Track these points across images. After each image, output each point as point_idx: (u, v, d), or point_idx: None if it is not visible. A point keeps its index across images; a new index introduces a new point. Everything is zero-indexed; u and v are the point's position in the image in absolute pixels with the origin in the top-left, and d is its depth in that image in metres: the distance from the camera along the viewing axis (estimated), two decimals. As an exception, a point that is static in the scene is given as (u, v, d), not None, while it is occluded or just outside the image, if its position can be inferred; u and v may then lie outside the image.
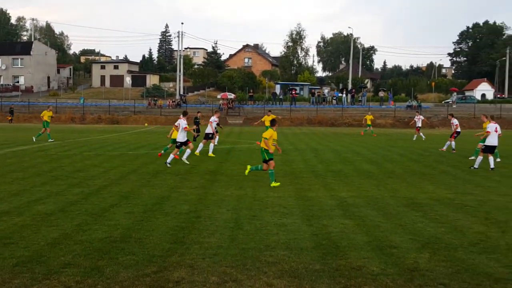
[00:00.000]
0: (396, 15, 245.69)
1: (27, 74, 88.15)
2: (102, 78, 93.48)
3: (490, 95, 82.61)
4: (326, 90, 75.56)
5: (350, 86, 74.75)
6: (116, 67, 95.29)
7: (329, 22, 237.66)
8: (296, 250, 7.21)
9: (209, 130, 22.53)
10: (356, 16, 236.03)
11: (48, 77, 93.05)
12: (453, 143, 24.41)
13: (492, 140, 16.84)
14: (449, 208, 10.41)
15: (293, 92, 67.15)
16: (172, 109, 64.62)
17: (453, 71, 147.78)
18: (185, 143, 17.84)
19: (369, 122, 39.18)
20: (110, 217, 9.28)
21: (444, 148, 24.81)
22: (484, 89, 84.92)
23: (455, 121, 24.87)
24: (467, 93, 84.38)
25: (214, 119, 23.06)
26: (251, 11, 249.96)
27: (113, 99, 73.92)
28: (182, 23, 78.40)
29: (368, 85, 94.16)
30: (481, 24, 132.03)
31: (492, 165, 16.68)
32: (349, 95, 68.20)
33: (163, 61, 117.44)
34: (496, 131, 16.94)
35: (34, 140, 27.89)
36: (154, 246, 7.40)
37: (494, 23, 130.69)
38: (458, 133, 24.82)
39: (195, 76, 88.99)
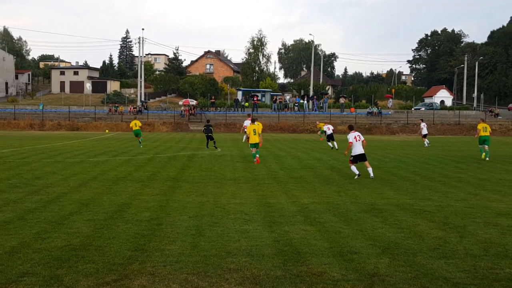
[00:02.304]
0: (356, 22, 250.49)
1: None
2: (62, 84, 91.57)
3: (449, 102, 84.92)
4: (287, 97, 76.10)
5: (311, 93, 75.47)
6: (76, 73, 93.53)
7: (290, 29, 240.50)
8: (258, 257, 7.21)
9: None
10: (316, 23, 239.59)
11: (6, 83, 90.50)
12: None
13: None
14: (408, 213, 10.61)
15: (255, 99, 67.36)
16: (133, 115, 63.81)
17: (412, 78, 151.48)
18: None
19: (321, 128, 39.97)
20: (69, 225, 9.07)
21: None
22: (443, 96, 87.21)
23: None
24: (426, 100, 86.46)
25: None
26: (213, 18, 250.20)
27: (73, 105, 72.50)
28: (143, 29, 78.01)
29: (330, 91, 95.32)
30: (440, 32, 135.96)
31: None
32: (310, 102, 68.87)
33: (124, 67, 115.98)
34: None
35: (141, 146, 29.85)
36: (114, 254, 7.27)
37: (453, 31, 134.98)
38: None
39: (156, 82, 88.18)
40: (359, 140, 16.47)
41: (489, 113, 66.18)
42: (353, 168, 16.48)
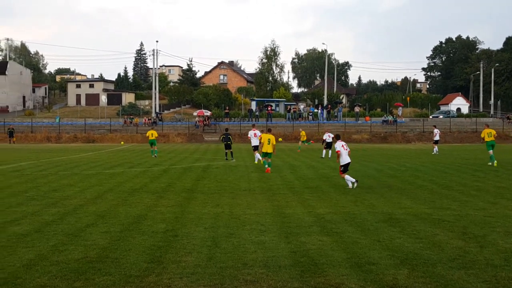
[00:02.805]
0: (369, 30, 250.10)
1: (2, 94, 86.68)
2: (78, 97, 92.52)
3: (465, 110, 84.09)
4: (301, 106, 76.03)
5: (325, 102, 75.32)
6: (91, 86, 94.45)
7: (303, 38, 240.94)
8: (274, 268, 7.15)
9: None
10: (329, 32, 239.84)
11: (24, 97, 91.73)
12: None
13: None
14: (426, 223, 10.47)
15: (269, 109, 67.40)
16: (148, 127, 64.17)
17: (427, 86, 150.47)
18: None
19: (304, 138, 41.10)
20: (86, 237, 9.10)
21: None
22: (459, 104, 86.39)
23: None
24: (442, 108, 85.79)
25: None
26: (226, 28, 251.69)
27: (89, 117, 73.16)
28: (157, 41, 78.32)
29: (344, 100, 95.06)
30: (454, 39, 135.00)
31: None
32: (324, 111, 68.71)
33: (139, 79, 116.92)
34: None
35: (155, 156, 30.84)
36: (131, 266, 7.26)
37: (467, 37, 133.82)
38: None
39: (170, 93, 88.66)
40: (346, 149, 16.47)
41: (506, 120, 65.40)
42: (347, 177, 16.37)
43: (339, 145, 16.48)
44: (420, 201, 13.49)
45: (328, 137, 30.44)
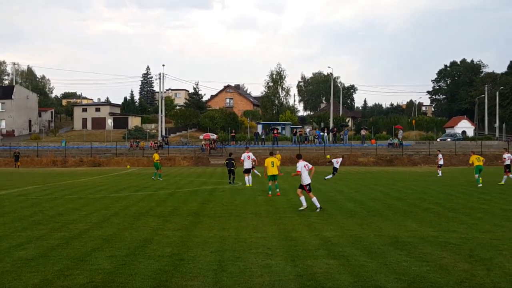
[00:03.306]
0: (374, 54, 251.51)
1: (8, 118, 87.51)
2: (84, 120, 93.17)
3: (470, 132, 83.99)
4: (307, 129, 76.16)
5: (331, 125, 75.45)
6: (97, 110, 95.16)
7: (309, 62, 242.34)
8: (281, 292, 7.12)
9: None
10: (335, 56, 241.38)
11: (30, 121, 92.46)
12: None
13: None
14: (433, 246, 10.42)
15: (275, 132, 67.55)
16: (155, 150, 64.39)
17: (433, 109, 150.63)
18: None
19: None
20: (92, 262, 9.10)
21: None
22: (464, 126, 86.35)
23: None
24: (447, 131, 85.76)
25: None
26: (232, 52, 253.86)
27: (95, 141, 73.55)
28: (163, 65, 78.54)
29: (350, 123, 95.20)
30: (459, 62, 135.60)
31: None
32: (330, 134, 68.79)
33: (145, 103, 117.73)
34: None
35: (160, 179, 31.79)
36: (136, 291, 7.25)
37: (472, 61, 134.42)
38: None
39: (177, 117, 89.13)
40: (307, 169, 16.43)
41: (511, 143, 65.19)
42: (302, 199, 16.36)
43: (301, 166, 16.45)
44: (427, 224, 13.43)
45: (336, 162, 31.74)
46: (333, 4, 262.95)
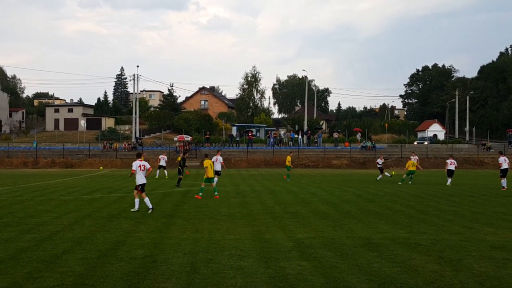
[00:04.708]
0: (349, 57, 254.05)
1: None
2: (56, 121, 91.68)
3: (441, 136, 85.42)
4: (282, 132, 76.41)
5: (305, 128, 75.87)
6: (70, 110, 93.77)
7: (284, 64, 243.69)
8: (254, 294, 7.14)
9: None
10: (310, 59, 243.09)
11: (0, 121, 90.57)
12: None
13: None
14: (404, 247, 10.58)
15: (250, 134, 67.61)
16: (128, 152, 63.76)
17: (405, 112, 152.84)
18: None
19: (289, 164, 34.62)
20: (62, 264, 8.98)
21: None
22: (435, 130, 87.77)
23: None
24: (419, 134, 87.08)
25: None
26: (207, 54, 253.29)
27: (67, 142, 72.42)
28: (138, 66, 77.76)
29: (324, 126, 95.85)
30: (430, 67, 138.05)
31: None
32: (305, 137, 69.17)
33: (119, 104, 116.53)
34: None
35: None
36: (107, 293, 7.19)
37: (443, 66, 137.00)
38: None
39: (151, 118, 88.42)
40: (143, 170, 16.28)
41: (481, 147, 66.53)
42: (136, 201, 16.37)
43: (136, 165, 16.22)
44: (398, 225, 13.63)
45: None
46: (309, 8, 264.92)
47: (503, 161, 26.94)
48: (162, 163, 36.71)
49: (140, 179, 16.25)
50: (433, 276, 8.13)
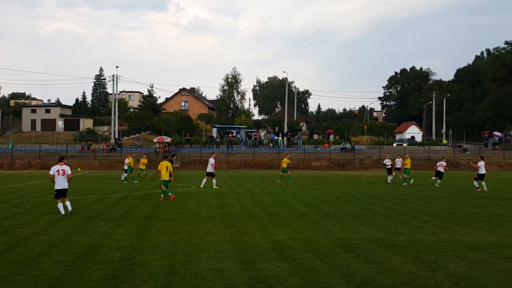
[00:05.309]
0: (328, 60, 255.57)
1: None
2: (33, 122, 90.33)
3: (419, 138, 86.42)
4: (262, 133, 76.53)
5: (286, 129, 76.10)
6: (47, 111, 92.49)
7: (265, 66, 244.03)
8: (232, 296, 7.13)
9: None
10: (290, 61, 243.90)
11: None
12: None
13: None
14: (381, 248, 10.67)
15: (230, 136, 67.57)
16: (107, 153, 63.21)
17: (384, 114, 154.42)
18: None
19: (285, 165, 35.08)
20: (37, 267, 8.84)
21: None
22: (413, 132, 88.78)
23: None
24: (397, 136, 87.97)
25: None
26: (188, 55, 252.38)
27: (44, 143, 71.43)
28: (117, 67, 77.15)
29: (304, 128, 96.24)
30: (408, 69, 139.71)
31: None
32: (285, 138, 69.38)
33: (98, 105, 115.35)
34: None
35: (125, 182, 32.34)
36: (84, 296, 7.10)
37: (421, 69, 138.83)
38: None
39: (130, 119, 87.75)
40: (63, 174, 15.92)
41: (457, 148, 67.49)
42: (60, 206, 16.01)
43: (54, 170, 15.87)
44: (376, 226, 13.74)
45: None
46: (289, 10, 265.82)
47: (482, 166, 27.07)
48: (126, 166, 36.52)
49: (59, 184, 15.72)
50: (409, 277, 8.22)
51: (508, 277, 8.22)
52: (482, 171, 26.64)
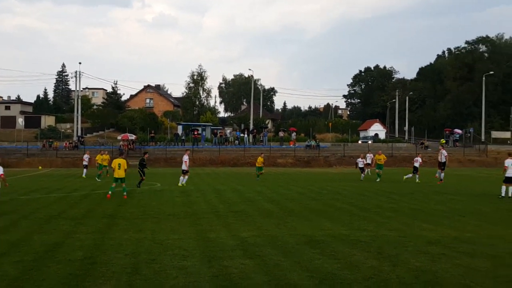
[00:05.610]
0: (294, 58, 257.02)
1: None
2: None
3: (382, 135, 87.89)
4: (228, 131, 76.40)
5: (251, 127, 76.17)
6: (7, 108, 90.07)
7: (231, 64, 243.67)
8: (196, 293, 7.10)
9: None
10: (256, 58, 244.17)
11: None
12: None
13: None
14: (345, 244, 10.81)
15: (195, 133, 67.19)
16: (69, 151, 61.98)
17: (348, 112, 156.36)
18: None
19: (260, 165, 34.03)
20: (-5, 268, 8.61)
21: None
22: (377, 129, 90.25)
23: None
24: (361, 133, 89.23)
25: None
26: (153, 52, 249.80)
27: (4, 141, 69.55)
28: (80, 63, 75.94)
29: (269, 125, 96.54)
30: (372, 68, 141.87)
31: None
32: (250, 135, 69.44)
33: (60, 102, 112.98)
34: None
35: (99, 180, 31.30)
36: (44, 297, 6.95)
37: (384, 67, 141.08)
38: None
39: (94, 117, 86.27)
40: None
41: (419, 145, 68.89)
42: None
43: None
44: (340, 223, 13.91)
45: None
46: (255, 8, 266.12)
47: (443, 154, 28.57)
48: (86, 162, 37.45)
49: None
50: (371, 272, 8.35)
51: (467, 271, 8.45)
52: (442, 159, 27.92)
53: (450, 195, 22.30)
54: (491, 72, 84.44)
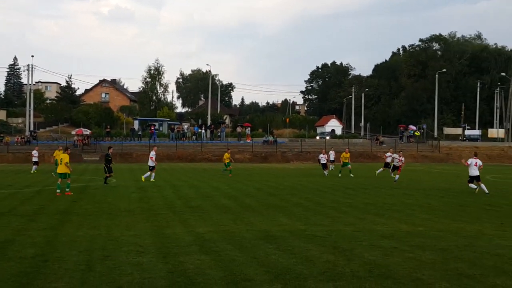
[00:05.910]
0: (252, 54, 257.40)
1: None
2: None
3: (339, 131, 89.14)
4: (185, 126, 75.86)
5: (209, 122, 75.91)
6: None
7: (188, 59, 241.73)
8: (151, 290, 7.05)
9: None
10: (214, 54, 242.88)
11: None
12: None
13: None
14: (301, 239, 10.93)
15: (152, 128, 66.41)
16: (21, 146, 60.14)
17: (305, 108, 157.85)
18: None
19: (228, 161, 33.54)
20: None
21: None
22: (333, 125, 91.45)
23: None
24: (318, 129, 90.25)
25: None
26: (108, 46, 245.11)
27: (-49, 135, 66.78)
28: (32, 56, 73.16)
29: (227, 121, 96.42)
30: (329, 64, 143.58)
31: None
32: (208, 131, 69.19)
33: (11, 96, 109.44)
34: None
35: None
36: (-7, 296, 6.75)
37: (341, 64, 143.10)
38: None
39: (47, 111, 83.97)
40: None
41: (375, 141, 70.28)
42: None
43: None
44: (296, 218, 14.06)
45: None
46: (213, 4, 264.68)
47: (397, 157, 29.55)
48: (35, 158, 37.02)
49: None
50: (327, 266, 8.48)
51: (418, 264, 8.69)
52: (388, 160, 31.05)
53: (402, 189, 22.89)
54: (444, 70, 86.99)
